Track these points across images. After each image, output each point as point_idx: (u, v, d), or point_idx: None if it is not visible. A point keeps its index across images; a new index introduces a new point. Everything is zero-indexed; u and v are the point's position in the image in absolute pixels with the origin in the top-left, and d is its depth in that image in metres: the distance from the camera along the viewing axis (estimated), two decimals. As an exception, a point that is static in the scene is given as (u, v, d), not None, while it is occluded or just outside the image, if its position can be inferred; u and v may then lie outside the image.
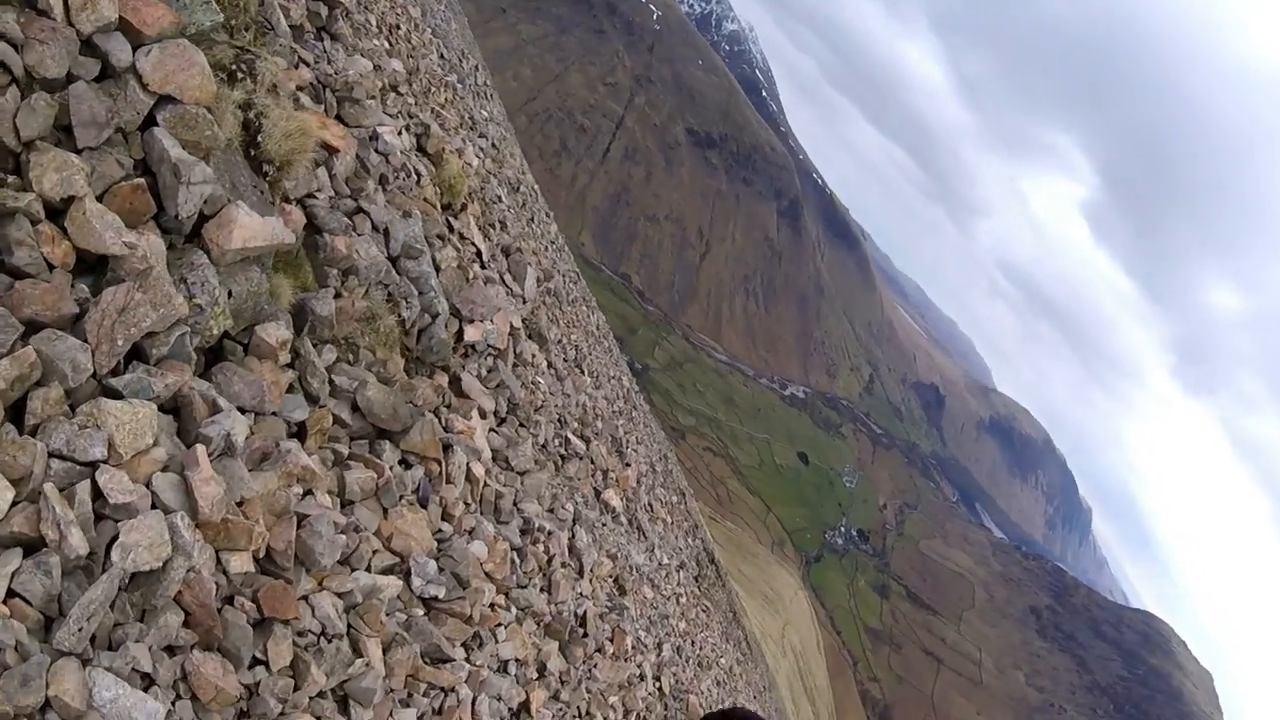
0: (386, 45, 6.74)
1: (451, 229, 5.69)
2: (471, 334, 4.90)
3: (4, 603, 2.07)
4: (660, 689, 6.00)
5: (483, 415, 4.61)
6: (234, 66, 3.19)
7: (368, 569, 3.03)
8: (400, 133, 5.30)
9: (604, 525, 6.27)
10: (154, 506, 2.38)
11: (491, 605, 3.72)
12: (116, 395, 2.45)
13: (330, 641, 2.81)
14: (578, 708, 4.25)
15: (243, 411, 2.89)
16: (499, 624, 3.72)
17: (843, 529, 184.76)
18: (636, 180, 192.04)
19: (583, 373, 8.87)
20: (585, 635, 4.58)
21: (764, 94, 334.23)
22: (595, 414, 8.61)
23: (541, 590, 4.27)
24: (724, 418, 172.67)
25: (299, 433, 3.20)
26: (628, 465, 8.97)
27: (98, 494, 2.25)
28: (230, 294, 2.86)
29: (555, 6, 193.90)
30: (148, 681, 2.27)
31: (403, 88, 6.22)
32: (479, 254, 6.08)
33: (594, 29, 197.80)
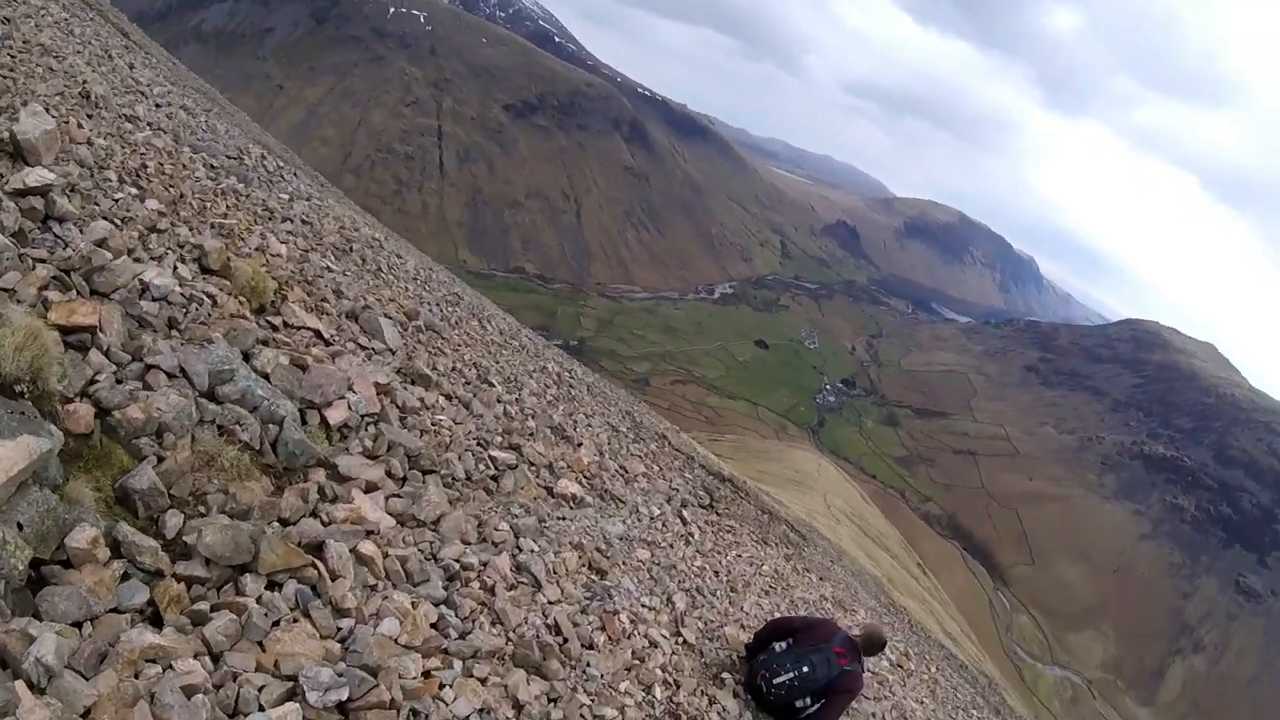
0: (135, 191, 6.46)
1: (275, 327, 5.54)
2: (336, 415, 4.77)
3: None
4: (684, 642, 5.97)
5: (371, 489, 4.49)
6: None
7: (260, 709, 2.96)
8: (174, 268, 5.11)
9: (561, 519, 6.18)
10: (3, 755, 2.38)
11: (425, 673, 3.63)
12: (-62, 677, 2.40)
13: (238, 797, 2.77)
14: (581, 715, 4.22)
15: (78, 625, 2.83)
16: (441, 685, 3.64)
17: (827, 387, 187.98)
18: (482, 177, 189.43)
19: (492, 385, 8.76)
20: (565, 642, 4.50)
21: (557, 40, 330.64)
22: (525, 414, 8.52)
23: (494, 624, 4.20)
24: (673, 347, 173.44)
25: (153, 613, 3.13)
26: (579, 445, 8.91)
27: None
28: (20, 526, 2.77)
29: (327, 58, 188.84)
30: None
31: (165, 223, 5.99)
32: (318, 334, 5.92)
33: (372, 59, 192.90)
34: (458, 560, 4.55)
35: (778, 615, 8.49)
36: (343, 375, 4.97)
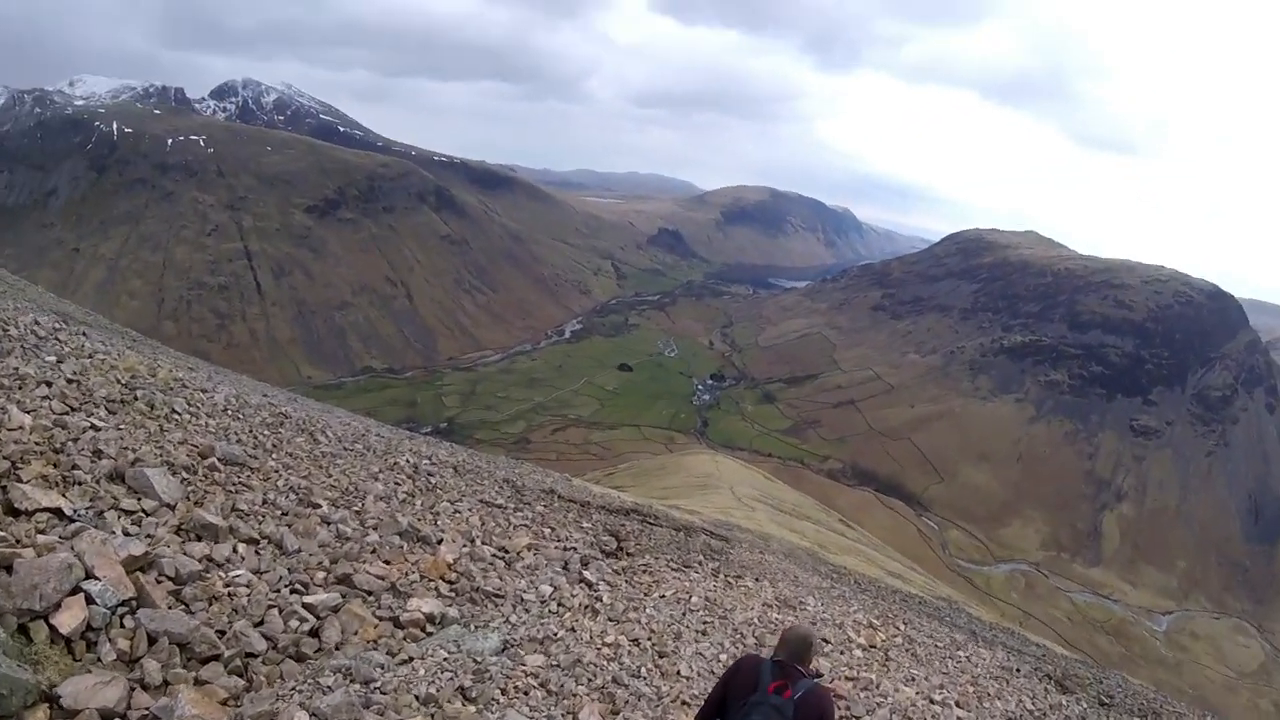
0: None
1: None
2: (67, 620, 3.59)
3: None
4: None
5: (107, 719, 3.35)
6: None
7: None
8: None
9: (405, 663, 5.04)
10: None
11: None
12: None
13: None
14: None
15: None
16: None
17: (699, 387, 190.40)
18: (302, 286, 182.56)
19: (317, 506, 7.64)
20: None
21: (342, 129, 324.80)
22: (365, 527, 7.49)
23: None
24: (542, 397, 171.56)
25: None
26: (439, 543, 7.89)
27: None
28: None
29: (117, 206, 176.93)
30: None
31: None
32: (58, 512, 4.74)
33: (162, 196, 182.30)
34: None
35: (718, 660, 7.55)
36: (64, 564, 3.81)
